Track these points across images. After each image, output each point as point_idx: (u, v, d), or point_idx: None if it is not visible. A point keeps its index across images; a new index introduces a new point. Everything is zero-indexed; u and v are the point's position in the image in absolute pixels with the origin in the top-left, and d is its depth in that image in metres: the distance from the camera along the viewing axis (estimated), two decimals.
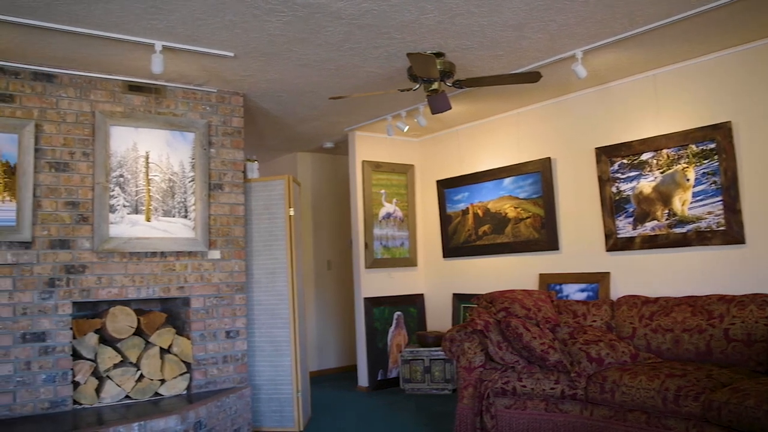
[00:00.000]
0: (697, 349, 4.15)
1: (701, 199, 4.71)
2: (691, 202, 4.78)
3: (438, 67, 4.27)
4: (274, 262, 5.30)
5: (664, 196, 4.94)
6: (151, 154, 4.76)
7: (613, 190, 5.27)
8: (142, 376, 4.64)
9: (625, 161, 5.19)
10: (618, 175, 5.24)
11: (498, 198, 6.31)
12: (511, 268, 6.22)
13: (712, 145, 4.64)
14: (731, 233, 4.54)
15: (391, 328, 6.98)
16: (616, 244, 5.25)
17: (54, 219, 4.42)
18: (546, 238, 5.84)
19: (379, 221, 7.01)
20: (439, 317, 7.15)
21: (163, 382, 4.73)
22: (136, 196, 4.68)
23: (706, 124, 4.68)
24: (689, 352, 4.18)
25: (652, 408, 3.61)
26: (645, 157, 5.05)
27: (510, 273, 6.21)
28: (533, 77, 4.25)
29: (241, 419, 4.82)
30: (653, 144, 4.99)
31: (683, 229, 4.82)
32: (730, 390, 3.35)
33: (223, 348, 4.98)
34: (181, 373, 4.80)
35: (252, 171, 5.54)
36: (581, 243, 5.59)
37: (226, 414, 4.65)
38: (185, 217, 4.85)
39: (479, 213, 6.52)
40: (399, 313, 7.06)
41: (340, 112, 6.02)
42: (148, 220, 4.71)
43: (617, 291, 5.23)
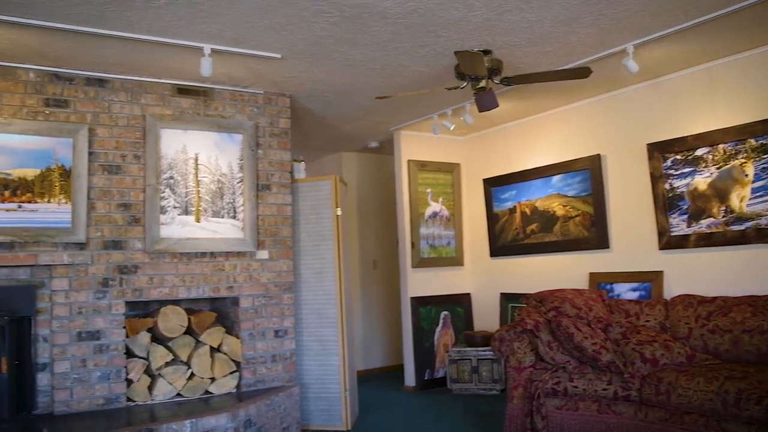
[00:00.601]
0: (759, 351, 4.00)
1: (761, 195, 4.55)
2: (750, 199, 4.62)
3: (485, 64, 4.23)
4: (321, 262, 5.32)
5: (720, 192, 4.79)
6: (200, 155, 4.83)
7: (666, 186, 5.14)
8: (192, 375, 4.72)
9: (678, 157, 5.05)
10: (671, 171, 5.11)
11: (546, 196, 6.22)
12: (559, 267, 6.12)
13: None
14: None
15: (438, 328, 6.95)
16: (670, 242, 5.12)
17: (107, 220, 4.53)
18: (596, 236, 5.73)
19: (425, 220, 6.98)
20: (486, 317, 7.08)
21: (213, 380, 4.79)
22: (186, 197, 4.76)
23: (767, 117, 4.52)
24: (750, 353, 4.04)
25: (710, 411, 3.50)
26: (700, 152, 4.91)
27: (559, 272, 6.11)
28: (583, 73, 4.18)
29: (289, 418, 4.86)
30: (709, 139, 4.84)
31: (741, 227, 4.67)
32: None
33: (271, 347, 5.03)
34: (231, 372, 4.86)
35: (299, 171, 5.58)
36: (633, 241, 5.46)
37: (275, 412, 4.69)
38: (234, 217, 4.91)
39: (527, 211, 6.43)
40: (446, 312, 7.02)
41: (385, 111, 6.02)
42: (198, 221, 4.78)
43: (671, 290, 5.09)
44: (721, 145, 4.77)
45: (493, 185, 6.85)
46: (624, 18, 3.90)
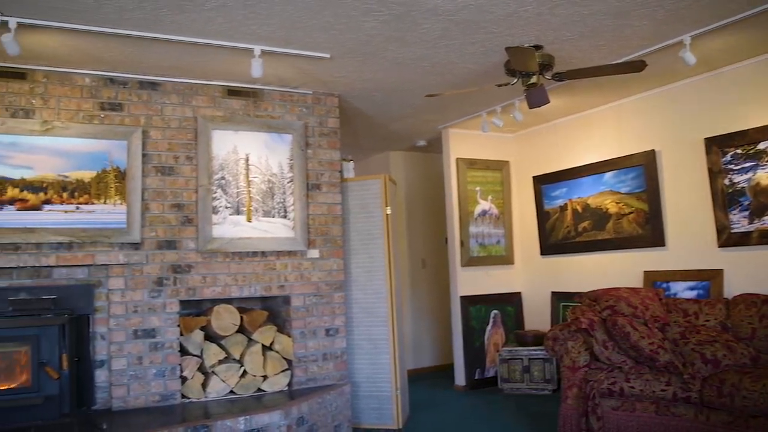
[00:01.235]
0: None
1: None
2: None
3: (537, 60, 4.16)
4: (371, 261, 5.32)
5: None
6: (251, 156, 4.88)
7: (726, 182, 4.97)
8: (245, 372, 4.77)
9: (739, 151, 4.88)
10: (731, 166, 4.94)
11: (598, 193, 6.10)
12: (613, 265, 5.99)
13: None
14: None
15: (488, 327, 6.88)
16: (730, 239, 4.95)
17: (161, 221, 4.61)
18: (650, 233, 5.58)
19: (475, 219, 6.92)
20: (537, 316, 6.99)
21: (265, 378, 4.84)
22: (238, 197, 4.81)
23: None
24: None
25: None
26: (763, 146, 4.73)
27: (612, 270, 5.98)
28: (637, 66, 4.07)
29: (341, 416, 4.87)
30: None
31: None
32: None
33: (322, 345, 5.05)
34: (283, 370, 4.90)
35: (348, 171, 5.59)
36: (690, 239, 5.31)
37: (327, 410, 4.71)
38: (284, 217, 4.95)
39: (578, 209, 6.32)
40: (496, 311, 6.95)
41: (433, 109, 5.98)
42: (249, 220, 4.83)
43: (731, 289, 4.93)
44: None
45: (543, 183, 6.74)
46: (681, 9, 3.78)
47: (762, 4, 3.76)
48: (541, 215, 6.78)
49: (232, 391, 4.73)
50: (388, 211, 5.32)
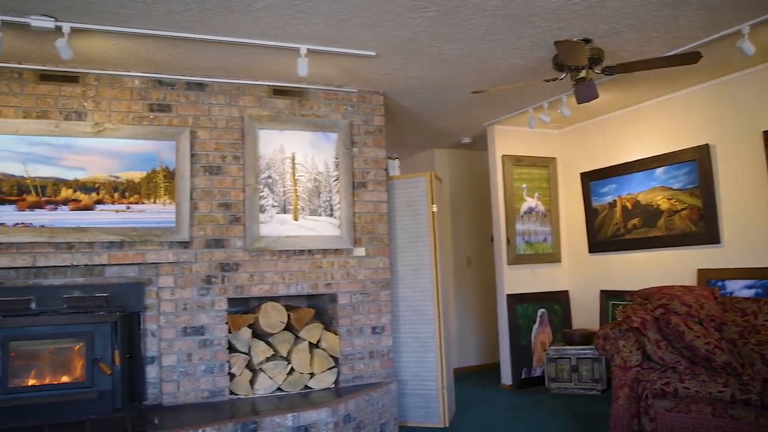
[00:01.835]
0: None
1: None
2: None
3: (586, 54, 4.07)
4: (418, 259, 5.30)
5: None
6: (297, 155, 4.91)
7: None
8: (292, 370, 4.80)
9: None
10: None
11: (649, 189, 5.95)
12: (664, 263, 5.84)
13: None
14: None
15: (535, 326, 6.79)
16: None
17: (209, 220, 4.67)
18: (705, 230, 5.42)
19: (521, 216, 6.84)
20: (585, 315, 6.87)
21: (312, 375, 4.86)
22: (284, 196, 4.85)
23: None
24: None
25: None
26: None
27: (664, 268, 5.83)
28: (692, 58, 3.95)
29: (387, 414, 4.87)
30: None
31: None
32: None
33: (369, 343, 5.05)
34: (330, 368, 4.92)
35: (393, 169, 5.57)
36: (747, 236, 5.14)
37: (374, 408, 4.71)
38: (331, 215, 4.96)
39: (628, 205, 6.18)
40: (543, 310, 6.85)
41: (479, 106, 5.93)
42: (296, 219, 4.86)
43: None
44: None
45: (592, 179, 6.62)
46: None
47: None
48: (589, 212, 6.66)
49: (279, 388, 4.77)
50: (434, 209, 5.29)
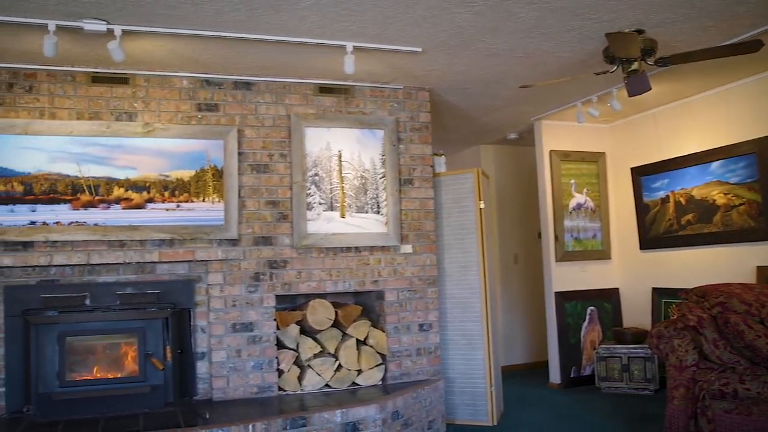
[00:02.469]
0: None
1: None
2: None
3: (639, 45, 3.96)
4: (465, 256, 5.25)
5: None
6: (344, 152, 4.92)
7: None
8: (340, 366, 4.82)
9: None
10: None
11: (704, 184, 5.77)
12: (721, 260, 5.66)
13: None
14: None
15: (584, 324, 6.68)
16: None
17: (257, 218, 4.71)
18: (765, 226, 5.22)
19: (569, 213, 6.73)
20: (636, 313, 6.72)
21: (359, 372, 4.87)
22: (331, 193, 4.86)
23: None
24: None
25: None
26: None
27: (720, 265, 5.66)
28: (753, 47, 3.80)
29: (435, 411, 4.84)
30: None
31: None
32: None
33: (416, 341, 5.03)
34: (377, 365, 4.92)
35: (439, 165, 5.53)
36: None
37: (421, 405, 4.69)
38: (377, 212, 4.96)
39: (682, 201, 6.01)
40: (592, 308, 6.73)
41: (526, 101, 5.84)
42: (343, 216, 4.87)
43: None
44: None
45: (643, 174, 6.46)
46: None
47: None
48: (641, 208, 6.50)
49: (327, 385, 4.79)
50: (482, 206, 5.24)
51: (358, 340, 4.91)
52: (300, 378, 4.75)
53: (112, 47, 3.74)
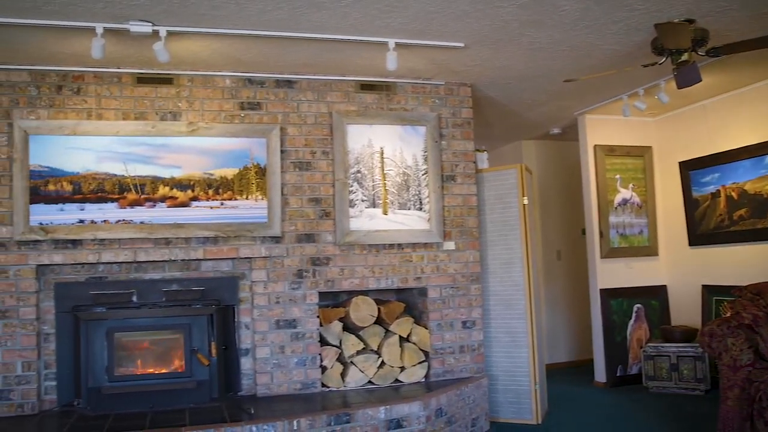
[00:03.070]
0: None
1: None
2: None
3: (690, 35, 3.85)
4: (509, 253, 5.19)
5: None
6: (386, 149, 4.90)
7: None
8: (383, 363, 4.81)
9: None
10: None
11: (758, 177, 5.58)
12: None
13: None
14: None
15: (631, 322, 6.54)
16: None
17: (300, 215, 4.73)
18: None
19: (615, 208, 6.60)
20: (684, 311, 6.56)
21: (402, 369, 4.86)
22: (373, 190, 4.85)
23: None
24: None
25: None
26: None
27: None
28: None
29: (478, 409, 4.81)
30: None
31: None
32: None
33: (459, 338, 5.00)
34: (420, 362, 4.90)
35: (482, 161, 5.48)
36: None
37: (465, 403, 4.66)
38: (420, 209, 4.94)
39: (733, 195, 5.84)
40: (639, 305, 6.59)
41: (569, 95, 5.74)
42: (385, 213, 4.86)
43: None
44: None
45: (691, 168, 6.30)
46: None
47: None
48: (689, 203, 6.34)
49: (370, 381, 4.79)
50: (525, 202, 5.17)
51: (401, 337, 4.89)
52: (343, 375, 4.76)
53: (157, 48, 3.79)
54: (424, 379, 4.91)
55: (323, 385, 4.71)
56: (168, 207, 4.44)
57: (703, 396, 5.79)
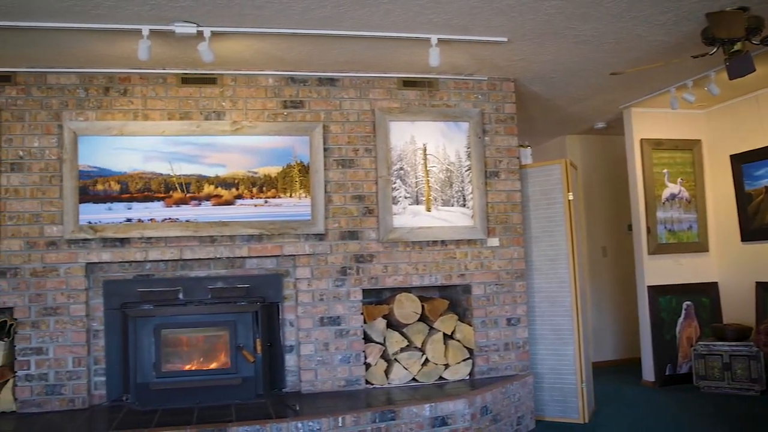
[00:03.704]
0: None
1: None
2: None
3: (744, 24, 3.72)
4: (554, 249, 5.12)
5: None
6: (428, 145, 4.88)
7: None
8: (427, 360, 4.80)
9: None
10: None
11: None
12: None
13: None
14: None
15: (680, 319, 6.39)
16: None
17: (343, 212, 4.74)
18: None
19: (662, 203, 6.45)
20: (737, 308, 6.37)
21: (446, 366, 4.84)
22: (416, 187, 4.83)
23: None
24: None
25: None
26: None
27: None
28: None
29: (524, 407, 4.75)
30: None
31: None
32: None
33: (504, 335, 4.95)
34: (464, 359, 4.87)
35: (525, 157, 5.41)
36: None
37: (510, 401, 4.62)
38: (463, 205, 4.90)
39: None
40: (689, 302, 6.43)
41: (615, 88, 5.62)
42: (429, 210, 4.83)
43: None
44: None
45: (744, 161, 6.11)
46: None
47: None
48: (742, 197, 6.16)
49: (414, 379, 4.78)
50: (570, 197, 5.08)
51: (445, 335, 4.87)
52: (387, 372, 4.75)
53: (201, 49, 3.84)
54: (468, 377, 4.88)
55: (367, 382, 4.72)
56: (213, 205, 4.50)
57: (758, 397, 5.61)
